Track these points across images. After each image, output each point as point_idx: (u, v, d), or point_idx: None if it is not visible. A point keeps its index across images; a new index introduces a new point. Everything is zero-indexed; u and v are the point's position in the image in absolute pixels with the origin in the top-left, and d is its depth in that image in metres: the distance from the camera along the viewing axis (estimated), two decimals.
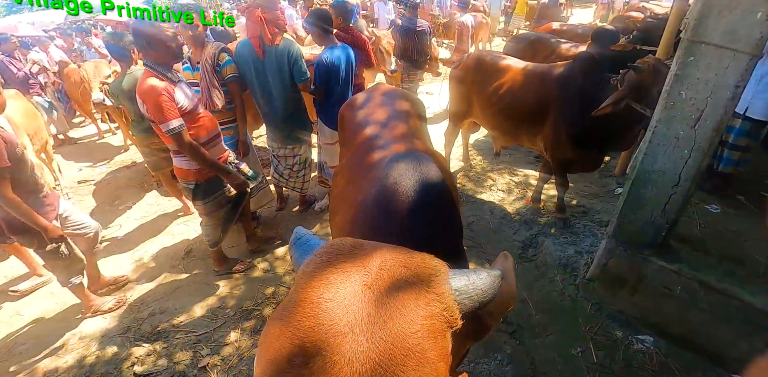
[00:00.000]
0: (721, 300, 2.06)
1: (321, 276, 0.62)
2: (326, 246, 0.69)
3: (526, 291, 2.67)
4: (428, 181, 1.15)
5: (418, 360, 0.54)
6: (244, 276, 2.95)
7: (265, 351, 0.56)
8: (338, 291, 0.58)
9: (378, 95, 2.05)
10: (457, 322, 0.62)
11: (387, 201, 1.12)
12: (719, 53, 1.71)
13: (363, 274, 0.61)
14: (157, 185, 4.37)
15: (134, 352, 2.37)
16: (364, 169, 1.47)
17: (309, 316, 0.56)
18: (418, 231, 1.08)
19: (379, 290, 0.59)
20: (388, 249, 0.67)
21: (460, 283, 0.65)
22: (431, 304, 0.59)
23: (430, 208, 1.12)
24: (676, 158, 1.99)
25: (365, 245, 0.69)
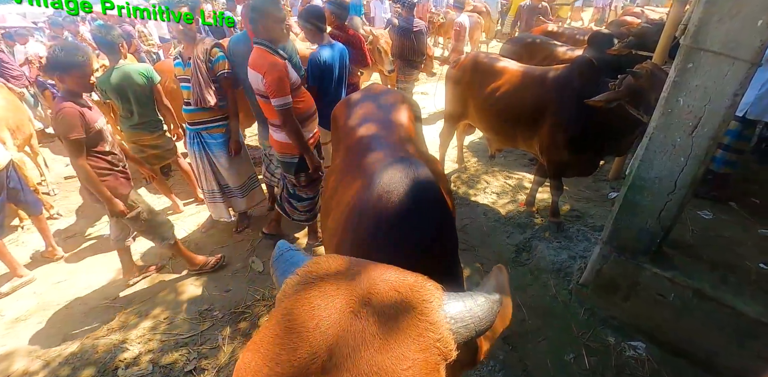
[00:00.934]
0: (715, 308, 2.06)
1: (304, 300, 0.56)
2: (311, 265, 0.63)
3: (520, 296, 2.65)
4: (422, 190, 1.10)
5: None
6: (233, 278, 2.90)
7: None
8: (322, 320, 0.53)
9: (372, 95, 2.01)
10: (452, 354, 0.57)
11: (378, 210, 1.07)
12: (718, 60, 1.70)
13: (350, 299, 0.56)
14: (145, 182, 4.28)
15: (119, 355, 2.31)
16: (357, 172, 1.44)
17: (289, 349, 0.51)
18: (411, 244, 1.02)
19: (367, 319, 0.54)
20: (378, 271, 0.62)
21: (455, 310, 0.60)
22: (424, 335, 0.54)
23: (423, 219, 1.06)
24: (673, 165, 1.98)
25: (353, 265, 0.64)
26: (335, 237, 1.28)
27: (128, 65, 3.13)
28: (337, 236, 1.25)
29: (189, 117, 2.98)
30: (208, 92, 2.81)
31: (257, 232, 3.40)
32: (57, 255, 3.19)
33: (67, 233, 3.57)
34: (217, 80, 2.88)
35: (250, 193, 3.36)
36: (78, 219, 3.79)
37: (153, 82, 3.23)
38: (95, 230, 3.59)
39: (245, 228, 3.42)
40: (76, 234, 3.55)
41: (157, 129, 3.41)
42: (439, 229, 1.10)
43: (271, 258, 0.76)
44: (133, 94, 3.15)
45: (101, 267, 3.11)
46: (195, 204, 3.90)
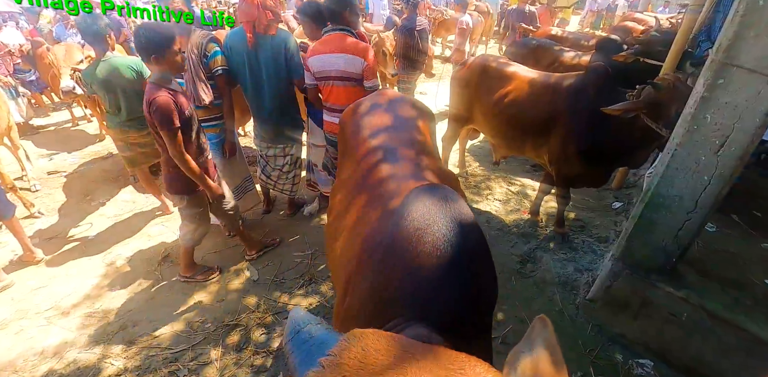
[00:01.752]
0: (728, 330, 2.01)
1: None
2: (339, 353, 0.50)
3: (525, 311, 2.58)
4: (465, 234, 0.91)
5: None
6: (225, 287, 2.76)
7: None
8: None
9: (384, 102, 1.87)
10: None
11: (411, 253, 0.89)
12: (752, 78, 1.62)
13: None
14: (133, 180, 4.10)
15: (102, 370, 2.16)
16: (371, 190, 1.31)
17: None
18: (446, 302, 0.85)
19: None
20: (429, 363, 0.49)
21: None
22: None
23: (462, 271, 0.88)
24: (695, 184, 1.90)
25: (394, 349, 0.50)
26: (347, 267, 1.15)
27: (116, 58, 2.95)
28: (350, 267, 1.11)
29: None
30: (202, 89, 2.66)
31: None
32: (36, 259, 3.01)
33: (49, 234, 3.38)
34: (213, 77, 2.72)
35: (245, 196, 3.22)
36: (60, 219, 3.60)
37: (143, 77, 3.04)
38: (78, 231, 3.41)
39: None
40: (58, 235, 3.36)
41: (146, 126, 3.21)
42: (479, 284, 0.94)
43: (284, 336, 0.61)
44: (121, 89, 2.97)
45: (84, 271, 2.93)
46: None
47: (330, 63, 2.55)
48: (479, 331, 0.94)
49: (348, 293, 1.05)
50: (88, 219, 3.57)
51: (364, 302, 0.93)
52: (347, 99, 2.52)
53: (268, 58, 2.71)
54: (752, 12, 1.53)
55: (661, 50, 3.19)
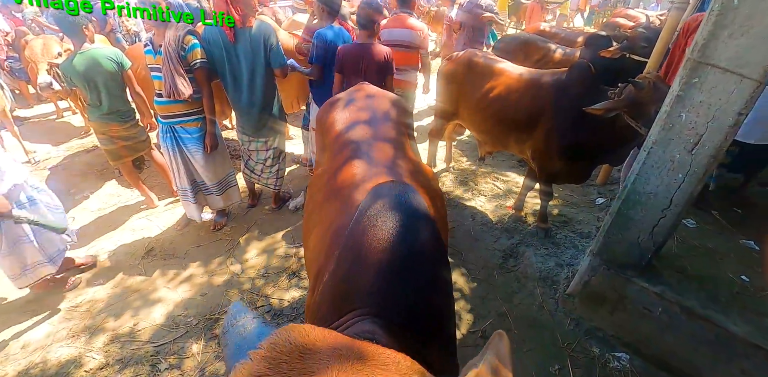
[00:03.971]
0: (701, 325, 2.05)
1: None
2: (267, 347, 0.51)
3: (506, 305, 2.61)
4: (415, 229, 0.95)
5: None
6: (209, 280, 2.77)
7: None
8: None
9: (362, 97, 1.87)
10: None
11: (363, 249, 0.92)
12: (725, 77, 1.63)
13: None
14: (118, 173, 4.07)
15: (84, 364, 2.17)
16: (342, 185, 1.32)
17: None
18: (398, 294, 0.88)
19: None
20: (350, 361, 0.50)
21: None
22: None
23: (414, 265, 0.91)
24: (670, 181, 1.93)
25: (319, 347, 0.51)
26: (315, 262, 1.16)
27: (95, 50, 2.90)
28: (318, 262, 1.12)
29: (161, 109, 2.79)
30: (181, 83, 2.62)
31: (236, 231, 3.25)
32: None
33: None
34: (191, 70, 2.69)
35: (227, 191, 3.21)
36: None
37: (123, 68, 3.00)
38: None
39: (223, 227, 3.27)
40: None
41: (128, 119, 3.19)
42: (431, 277, 0.96)
43: (223, 327, 0.63)
44: (102, 81, 2.93)
45: None
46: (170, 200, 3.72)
47: (396, 34, 3.44)
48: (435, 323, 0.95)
49: (316, 287, 1.06)
50: (71, 212, 3.54)
51: (325, 297, 0.94)
52: (405, 61, 3.47)
53: (247, 50, 2.69)
54: (727, 12, 1.54)
55: (646, 47, 3.21)
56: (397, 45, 3.40)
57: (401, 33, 3.44)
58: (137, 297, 2.63)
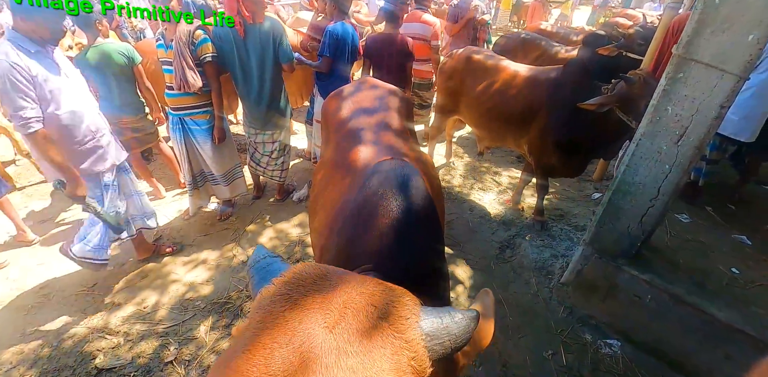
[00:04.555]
0: (689, 312, 2.13)
1: (277, 313, 0.55)
2: (287, 275, 0.62)
3: (502, 293, 2.70)
4: (409, 195, 1.06)
5: None
6: (216, 267, 2.87)
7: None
8: (295, 335, 0.52)
9: (366, 88, 1.97)
10: (426, 371, 0.57)
11: (365, 216, 1.03)
12: (708, 72, 1.73)
13: (324, 314, 0.55)
14: None
15: (96, 344, 2.27)
16: (346, 169, 1.41)
17: (259, 365, 0.50)
18: (395, 253, 0.99)
19: (342, 335, 0.53)
20: (355, 283, 0.61)
21: (432, 327, 0.60)
22: (399, 353, 0.54)
23: (408, 226, 1.02)
24: (657, 172, 2.02)
25: (331, 276, 0.62)
26: (321, 238, 1.25)
27: (107, 44, 3.00)
28: (323, 238, 1.22)
29: (172, 102, 2.89)
30: (191, 76, 2.73)
31: (241, 221, 3.35)
32: (29, 239, 3.09)
33: (41, 217, 3.46)
34: (201, 64, 2.79)
35: (233, 182, 3.31)
36: (53, 203, 3.67)
37: (134, 63, 3.11)
38: (70, 214, 3.49)
39: (229, 217, 3.38)
40: (51, 218, 3.44)
41: (138, 111, 3.30)
42: (426, 240, 1.07)
43: (248, 265, 0.74)
44: (113, 75, 3.03)
45: None
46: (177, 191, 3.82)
47: (411, 27, 3.80)
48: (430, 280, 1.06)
49: (321, 259, 1.16)
50: None
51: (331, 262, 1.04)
52: (419, 52, 3.75)
53: (256, 45, 2.79)
54: (709, 10, 1.64)
55: (642, 44, 3.29)
56: (413, 37, 3.72)
57: (415, 26, 3.82)
58: (147, 282, 2.73)
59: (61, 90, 2.12)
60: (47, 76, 2.06)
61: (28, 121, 2.01)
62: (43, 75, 2.04)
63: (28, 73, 1.98)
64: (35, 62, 2.02)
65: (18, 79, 1.95)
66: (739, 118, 2.79)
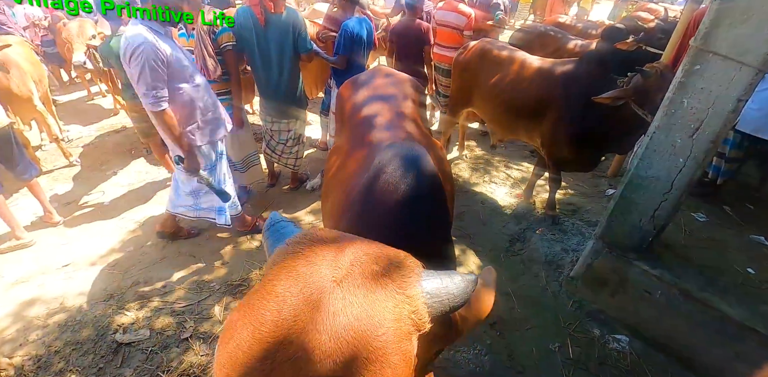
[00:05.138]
0: (699, 308, 2.10)
1: (290, 267, 0.61)
2: (299, 235, 0.67)
3: (510, 285, 2.71)
4: (418, 172, 1.11)
5: (381, 364, 0.53)
6: (232, 251, 2.95)
7: (226, 341, 0.56)
8: (305, 286, 0.57)
9: (380, 76, 2.01)
10: (425, 326, 0.61)
11: (375, 191, 1.08)
12: (726, 64, 1.70)
13: (333, 269, 0.60)
14: (146, 152, 4.29)
15: (117, 320, 2.38)
16: (359, 152, 1.45)
17: (273, 310, 0.55)
18: (401, 223, 1.04)
19: (348, 288, 0.58)
20: (363, 245, 0.66)
21: (432, 286, 0.64)
22: (400, 306, 0.59)
23: (417, 201, 1.07)
24: (671, 166, 2.01)
25: (339, 238, 0.68)
26: (333, 218, 1.29)
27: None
28: (335, 217, 1.26)
29: None
30: (211, 64, 2.80)
31: (256, 208, 3.43)
32: (55, 220, 3.22)
33: (66, 199, 3.60)
34: (221, 53, 2.85)
35: (250, 170, 3.39)
36: (76, 186, 3.81)
37: None
38: (93, 198, 3.62)
39: (244, 204, 3.45)
40: (75, 200, 3.58)
41: None
42: (432, 211, 1.12)
43: (264, 227, 0.80)
44: None
45: (99, 233, 3.15)
46: None
47: (446, 16, 3.99)
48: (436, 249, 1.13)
49: None
50: (102, 186, 3.78)
51: None
52: (451, 40, 4.03)
53: (276, 35, 2.84)
54: (728, 1, 1.62)
55: (662, 38, 3.24)
56: (445, 25, 4.03)
57: (449, 15, 4.00)
58: (165, 264, 2.83)
59: (185, 67, 2.34)
60: (175, 55, 2.26)
61: (159, 100, 2.22)
62: (172, 54, 2.24)
63: (163, 54, 2.18)
64: (164, 43, 2.22)
65: (156, 61, 2.15)
66: (760, 115, 2.73)
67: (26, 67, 3.66)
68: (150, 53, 2.12)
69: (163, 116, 2.27)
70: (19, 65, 3.55)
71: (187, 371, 2.08)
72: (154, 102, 2.21)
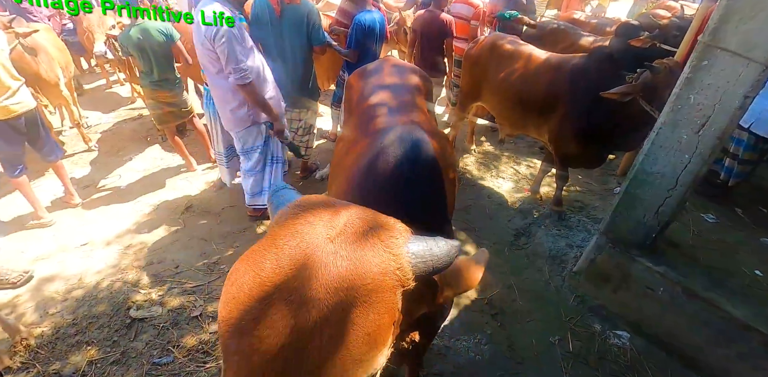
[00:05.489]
0: (703, 307, 2.10)
1: (290, 226, 0.68)
2: (300, 200, 0.75)
3: (514, 278, 2.74)
4: (417, 153, 1.17)
5: (365, 309, 0.61)
6: (241, 235, 3.04)
7: (230, 284, 0.64)
8: (302, 241, 0.65)
9: (388, 67, 2.05)
10: (409, 282, 0.67)
11: (374, 169, 1.15)
12: (733, 60, 1.71)
13: (328, 228, 0.67)
14: (161, 139, 4.40)
15: (131, 297, 2.48)
16: (364, 140, 1.49)
17: (272, 259, 0.63)
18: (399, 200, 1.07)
19: (340, 244, 0.65)
20: (357, 209, 0.74)
21: (417, 248, 0.70)
22: (386, 263, 0.65)
23: (414, 179, 1.14)
24: (676, 162, 2.02)
25: (336, 203, 0.75)
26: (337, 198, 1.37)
27: (148, 22, 3.18)
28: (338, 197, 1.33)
29: None
30: None
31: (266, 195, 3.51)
32: (74, 202, 3.34)
33: (84, 182, 3.73)
34: None
35: None
36: (94, 171, 3.94)
37: (172, 40, 3.29)
38: (110, 182, 3.74)
39: None
40: (92, 184, 3.71)
41: (175, 87, 3.49)
42: (428, 190, 1.19)
43: (269, 194, 0.88)
44: (152, 51, 3.22)
45: (116, 216, 3.27)
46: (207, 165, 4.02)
47: (457, 7, 4.10)
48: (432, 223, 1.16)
49: None
50: (118, 171, 3.90)
51: None
52: (461, 30, 4.09)
53: (291, 26, 2.90)
54: None
55: (677, 36, 3.22)
56: (458, 17, 4.08)
57: (461, 7, 4.09)
58: (178, 246, 2.93)
59: (252, 45, 2.50)
60: (246, 34, 2.42)
61: (245, 73, 2.37)
62: (244, 33, 2.40)
63: (242, 31, 2.34)
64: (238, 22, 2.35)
65: (238, 37, 2.31)
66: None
67: (54, 52, 3.77)
68: (233, 30, 2.27)
69: (250, 88, 2.43)
70: (47, 50, 3.66)
71: (196, 347, 2.17)
72: (242, 76, 2.36)
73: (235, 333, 0.59)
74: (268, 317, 0.58)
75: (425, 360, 2.03)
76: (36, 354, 2.14)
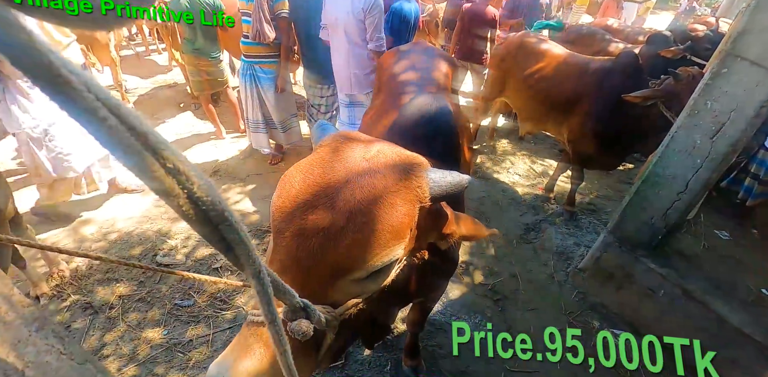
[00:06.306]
0: (700, 311, 2.14)
1: (333, 146, 0.85)
2: (341, 131, 0.93)
3: (519, 268, 2.81)
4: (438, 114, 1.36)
5: (390, 210, 0.77)
6: (262, 202, 3.21)
7: (283, 184, 0.80)
8: (343, 157, 0.82)
9: (420, 49, 2.17)
10: (426, 200, 0.83)
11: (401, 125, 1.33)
12: (753, 70, 1.77)
13: (364, 152, 0.84)
14: (194, 107, 4.60)
15: (159, 245, 2.69)
16: (392, 112, 1.60)
17: (319, 167, 0.80)
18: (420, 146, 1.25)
19: (374, 164, 0.81)
20: (387, 144, 0.90)
21: (435, 175, 0.86)
22: (409, 180, 0.81)
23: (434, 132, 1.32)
24: (689, 166, 2.07)
25: (372, 138, 0.92)
26: None
27: None
28: None
29: (245, 49, 3.20)
30: (267, 28, 3.00)
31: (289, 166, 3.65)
32: None
33: None
34: (276, 19, 3.05)
35: (289, 131, 3.62)
36: None
37: (218, 9, 3.44)
38: None
39: (279, 162, 3.70)
40: None
41: (215, 56, 3.66)
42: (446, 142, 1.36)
43: (313, 127, 1.06)
44: (197, 19, 3.36)
45: None
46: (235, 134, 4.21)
47: None
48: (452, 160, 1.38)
49: None
50: None
51: None
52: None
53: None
54: (763, 7, 1.69)
55: (709, 49, 3.25)
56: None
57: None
58: None
59: None
60: None
61: (384, 41, 2.73)
62: None
63: None
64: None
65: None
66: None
67: None
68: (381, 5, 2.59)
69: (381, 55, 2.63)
70: None
71: (215, 294, 2.35)
72: (381, 44, 2.71)
73: (287, 218, 0.76)
74: (314, 207, 0.74)
75: (426, 333, 2.15)
76: (70, 285, 2.34)
